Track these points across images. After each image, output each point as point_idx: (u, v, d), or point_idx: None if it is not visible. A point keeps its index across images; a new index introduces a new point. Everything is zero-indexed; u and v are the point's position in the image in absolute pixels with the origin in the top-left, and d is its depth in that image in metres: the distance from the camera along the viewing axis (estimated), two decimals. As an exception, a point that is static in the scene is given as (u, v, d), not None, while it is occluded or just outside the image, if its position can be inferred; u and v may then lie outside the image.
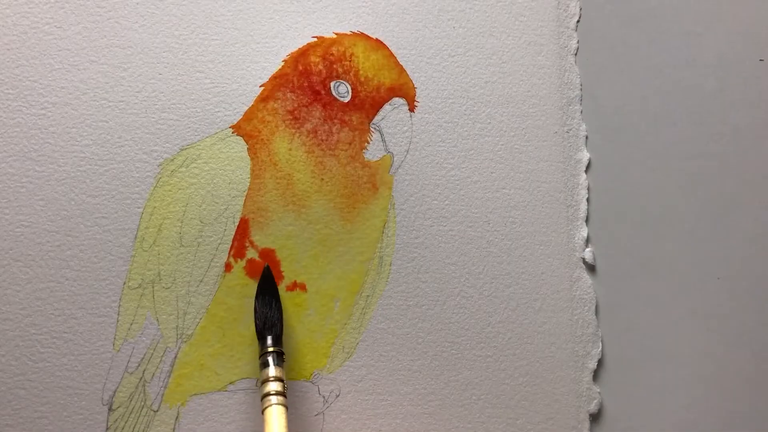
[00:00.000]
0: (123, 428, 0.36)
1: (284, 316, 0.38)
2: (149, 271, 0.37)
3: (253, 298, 0.38)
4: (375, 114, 0.41)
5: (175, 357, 0.37)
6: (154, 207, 0.37)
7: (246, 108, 0.39)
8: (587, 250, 0.45)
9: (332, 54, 0.41)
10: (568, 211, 0.45)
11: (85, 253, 0.37)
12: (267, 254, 0.39)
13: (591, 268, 0.46)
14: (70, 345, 0.36)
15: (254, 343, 0.38)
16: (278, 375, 0.35)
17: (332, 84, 0.41)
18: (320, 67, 0.41)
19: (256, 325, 0.37)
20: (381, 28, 0.43)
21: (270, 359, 0.35)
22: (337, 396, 0.40)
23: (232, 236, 0.38)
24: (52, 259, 0.36)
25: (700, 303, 0.46)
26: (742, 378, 0.46)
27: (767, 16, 0.49)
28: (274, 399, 0.34)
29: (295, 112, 0.40)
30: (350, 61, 0.41)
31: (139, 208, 0.37)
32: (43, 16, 0.37)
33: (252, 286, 0.38)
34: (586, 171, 0.46)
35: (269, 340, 0.36)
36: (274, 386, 0.35)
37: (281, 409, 0.34)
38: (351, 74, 0.41)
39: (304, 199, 0.40)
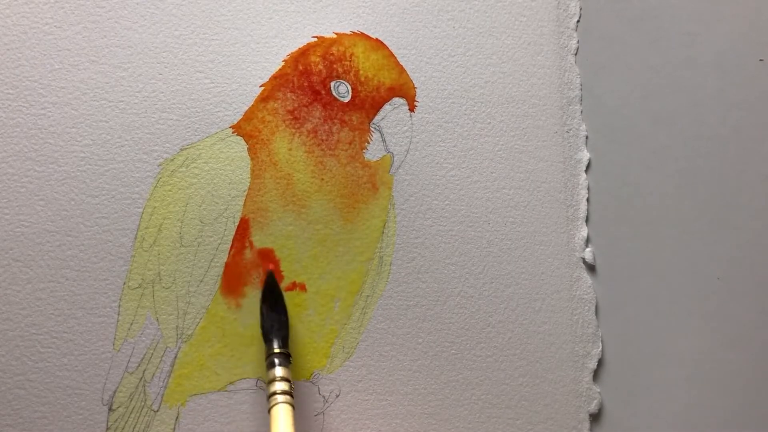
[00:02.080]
0: (123, 428, 0.36)
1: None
2: (149, 271, 0.37)
3: (259, 302, 0.38)
4: (375, 114, 0.41)
5: (175, 357, 0.37)
6: (154, 207, 0.37)
7: (246, 108, 0.39)
8: (587, 250, 0.45)
9: (332, 54, 0.41)
10: (568, 211, 0.45)
11: (85, 253, 0.36)
12: (266, 254, 0.39)
13: (591, 268, 0.46)
14: (70, 345, 0.36)
15: (254, 343, 0.38)
16: (285, 375, 0.35)
17: (332, 84, 0.41)
18: (320, 67, 0.41)
19: (264, 329, 0.37)
20: (381, 28, 0.43)
21: (277, 360, 0.36)
22: (337, 396, 0.40)
23: (233, 236, 0.38)
24: (52, 259, 0.36)
25: (700, 303, 0.46)
26: (742, 378, 0.46)
27: (767, 16, 0.49)
28: (280, 398, 0.34)
29: (295, 112, 0.40)
30: (350, 61, 0.41)
31: (139, 208, 0.37)
32: (43, 16, 0.37)
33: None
34: (586, 171, 0.46)
35: (275, 343, 0.36)
36: (280, 386, 0.35)
37: (288, 408, 0.34)
38: (351, 74, 0.41)
39: (304, 199, 0.40)
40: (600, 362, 0.45)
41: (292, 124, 0.40)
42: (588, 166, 0.46)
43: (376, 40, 0.42)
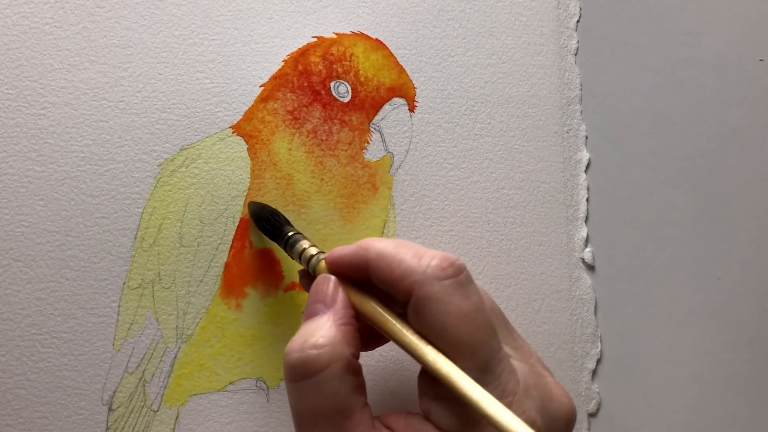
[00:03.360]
0: (123, 428, 0.36)
1: (284, 317, 0.39)
2: (149, 271, 0.37)
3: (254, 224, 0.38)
4: (375, 114, 0.41)
5: (175, 357, 0.37)
6: (154, 207, 0.37)
7: (246, 108, 0.39)
8: (587, 250, 0.45)
9: (332, 54, 0.41)
10: (568, 211, 0.45)
11: (85, 253, 0.37)
12: (265, 254, 0.39)
13: (591, 268, 0.46)
14: (70, 345, 0.36)
15: (254, 342, 0.38)
16: (314, 244, 0.35)
17: (332, 84, 0.41)
18: (320, 67, 0.41)
19: (271, 228, 0.37)
20: (381, 28, 0.43)
21: (299, 236, 0.35)
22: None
23: (232, 236, 0.38)
24: (52, 259, 0.36)
25: (700, 303, 0.47)
26: (742, 378, 0.46)
27: (767, 16, 0.49)
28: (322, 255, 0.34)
29: (295, 112, 0.40)
30: (350, 61, 0.41)
31: (139, 208, 0.37)
32: (43, 16, 0.37)
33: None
34: (586, 171, 0.46)
35: (288, 229, 0.36)
36: (314, 249, 0.34)
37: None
38: (351, 74, 0.41)
39: (304, 199, 0.40)
40: (599, 362, 0.45)
41: (292, 124, 0.40)
42: (588, 166, 0.46)
43: (376, 40, 0.42)
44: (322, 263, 0.33)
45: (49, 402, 0.35)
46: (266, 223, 0.37)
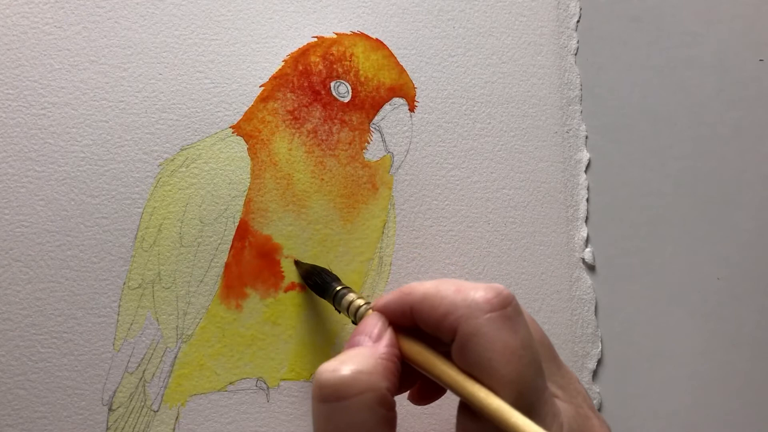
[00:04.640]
0: (123, 428, 0.36)
1: (284, 317, 0.39)
2: (149, 271, 0.37)
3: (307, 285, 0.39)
4: (375, 114, 0.41)
5: (175, 357, 0.37)
6: (154, 207, 0.37)
7: (246, 108, 0.39)
8: (587, 250, 0.45)
9: (332, 54, 0.41)
10: (568, 211, 0.45)
11: (85, 253, 0.37)
12: (265, 255, 0.39)
13: (591, 268, 0.46)
14: (70, 345, 0.36)
15: (254, 343, 0.38)
16: (361, 295, 0.36)
17: (332, 84, 0.41)
18: (320, 67, 0.41)
19: (321, 283, 0.37)
20: (381, 28, 0.43)
21: (346, 290, 0.36)
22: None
23: (232, 236, 0.38)
24: (52, 259, 0.36)
25: (700, 303, 0.47)
26: (742, 378, 0.46)
27: (767, 16, 0.49)
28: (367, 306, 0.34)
29: (295, 112, 0.40)
30: (350, 61, 0.41)
31: (139, 208, 0.37)
32: (43, 16, 0.37)
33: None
34: (586, 171, 0.46)
35: (337, 284, 0.36)
36: (361, 300, 0.34)
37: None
38: (351, 74, 0.41)
39: (304, 199, 0.40)
40: (599, 362, 0.45)
41: (292, 124, 0.40)
42: (588, 166, 0.46)
43: (376, 40, 0.42)
44: (369, 312, 0.33)
45: (49, 402, 0.35)
46: (317, 278, 0.37)
